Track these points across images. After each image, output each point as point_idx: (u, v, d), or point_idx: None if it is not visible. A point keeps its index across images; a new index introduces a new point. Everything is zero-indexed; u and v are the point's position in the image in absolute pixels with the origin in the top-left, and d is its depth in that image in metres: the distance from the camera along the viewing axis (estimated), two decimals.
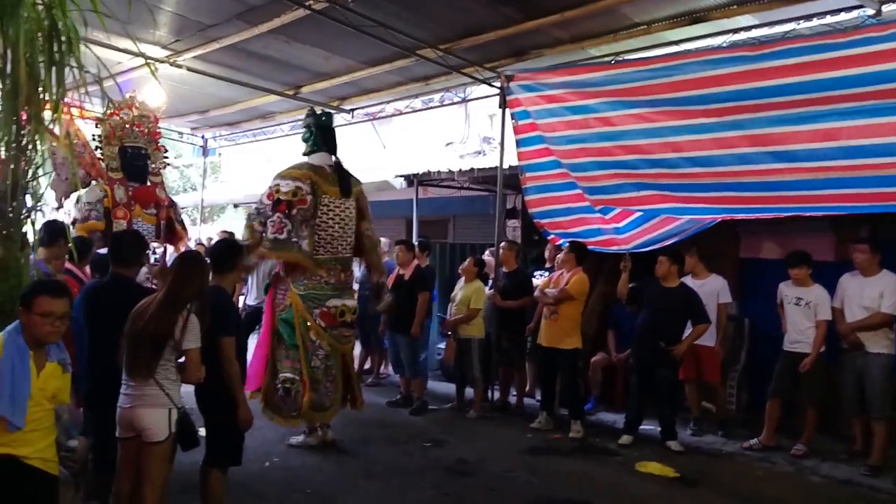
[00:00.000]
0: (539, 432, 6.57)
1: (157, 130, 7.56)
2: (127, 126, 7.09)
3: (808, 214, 5.99)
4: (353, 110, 10.52)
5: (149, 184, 7.24)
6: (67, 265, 5.06)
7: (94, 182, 6.87)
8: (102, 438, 3.90)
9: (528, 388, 7.65)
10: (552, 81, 6.73)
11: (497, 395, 7.57)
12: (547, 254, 7.60)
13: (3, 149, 3.68)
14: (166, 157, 7.64)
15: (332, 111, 9.96)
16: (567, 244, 6.88)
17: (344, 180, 5.99)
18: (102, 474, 3.96)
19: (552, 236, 7.36)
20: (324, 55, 8.10)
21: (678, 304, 6.13)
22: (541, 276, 7.33)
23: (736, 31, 6.60)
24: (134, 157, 7.08)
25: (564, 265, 6.73)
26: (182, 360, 3.55)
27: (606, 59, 7.13)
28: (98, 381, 3.88)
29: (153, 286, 5.23)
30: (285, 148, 13.70)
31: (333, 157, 6.11)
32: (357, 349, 8.40)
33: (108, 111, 6.81)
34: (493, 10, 6.51)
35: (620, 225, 7.01)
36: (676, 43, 6.95)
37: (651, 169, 6.10)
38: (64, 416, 3.44)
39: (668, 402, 6.24)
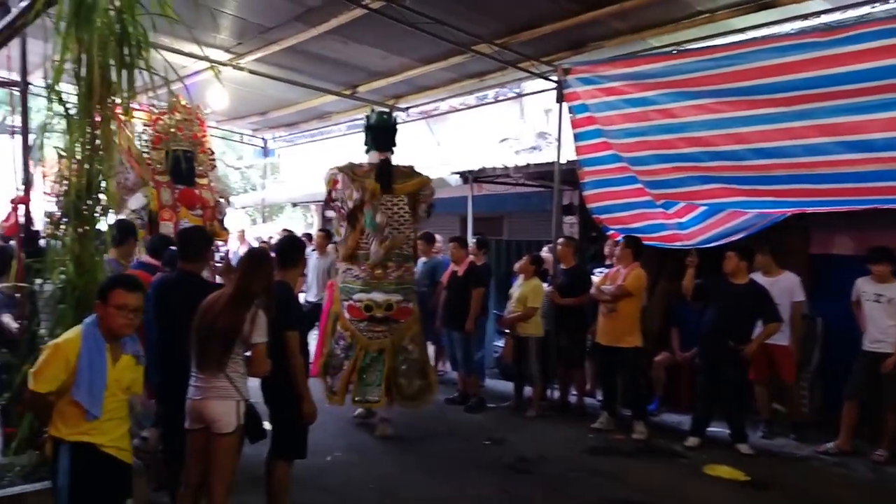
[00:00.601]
0: (600, 432, 6.45)
1: (203, 133, 7.58)
2: (172, 130, 7.17)
3: (884, 207, 5.72)
4: (408, 108, 10.56)
5: (196, 185, 7.30)
6: (145, 258, 5.23)
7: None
8: (172, 430, 4.00)
9: (588, 388, 7.53)
10: (611, 73, 6.59)
11: (556, 393, 7.47)
12: (606, 250, 7.46)
13: (77, 149, 3.83)
14: (213, 160, 7.66)
15: (388, 110, 10.08)
16: (622, 239, 6.73)
17: (384, 178, 6.07)
18: (172, 465, 4.06)
19: (612, 232, 7.20)
20: (380, 54, 8.14)
21: (747, 301, 5.92)
22: (600, 273, 7.20)
23: (805, 16, 6.37)
24: (179, 159, 7.04)
25: (621, 261, 6.59)
26: (249, 353, 3.61)
27: (668, 49, 6.95)
28: (167, 374, 3.98)
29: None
30: (342, 147, 13.90)
31: (381, 156, 6.23)
32: None
33: (154, 115, 6.93)
34: (550, 3, 6.44)
35: (684, 220, 6.83)
36: (741, 31, 6.74)
37: (716, 161, 5.92)
38: (137, 407, 3.54)
39: (737, 404, 6.03)
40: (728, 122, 5.73)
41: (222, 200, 7.46)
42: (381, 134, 6.38)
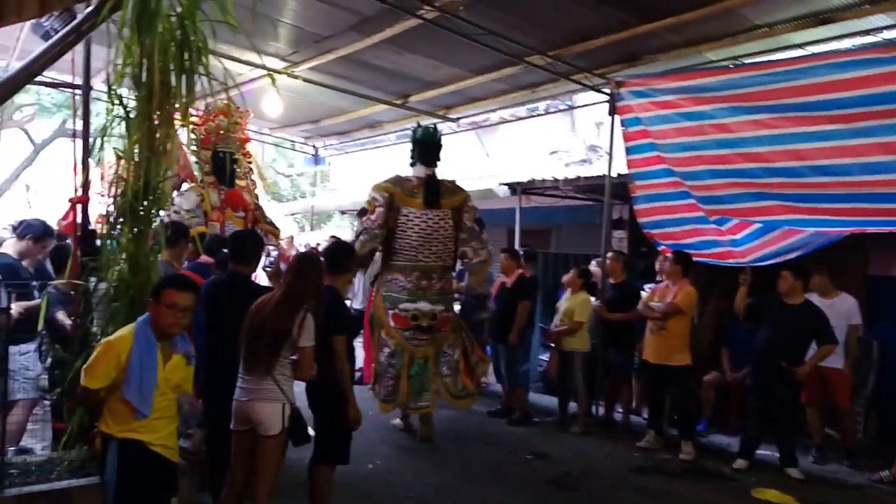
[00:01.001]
0: (646, 451, 6.32)
1: (246, 137, 7.74)
2: (221, 131, 7.27)
3: None
4: (458, 119, 10.58)
5: (237, 188, 7.42)
6: (202, 259, 5.34)
7: (184, 185, 7.10)
8: (217, 431, 4.03)
9: (634, 405, 7.40)
10: (665, 87, 6.51)
11: (602, 410, 7.37)
12: (658, 266, 7.33)
13: (135, 151, 3.92)
14: (250, 163, 7.79)
15: (438, 121, 10.12)
16: (671, 255, 6.61)
17: (431, 193, 6.26)
18: (216, 465, 4.09)
19: (663, 247, 7.08)
20: (432, 64, 8.18)
21: (802, 322, 5.74)
22: (650, 288, 7.08)
23: (867, 32, 6.20)
24: (225, 161, 7.24)
25: (670, 277, 6.47)
26: (295, 357, 3.64)
27: (724, 63, 6.82)
28: (214, 375, 4.01)
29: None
30: (392, 156, 14.00)
31: (428, 170, 6.45)
32: None
33: (204, 115, 7.05)
34: (604, 15, 6.36)
35: (738, 237, 6.67)
36: (801, 46, 6.57)
37: (772, 178, 5.79)
38: (185, 406, 3.58)
39: (788, 427, 5.84)
40: (786, 139, 5.62)
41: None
42: (427, 149, 6.59)
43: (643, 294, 6.88)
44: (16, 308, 4.62)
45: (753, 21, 6.32)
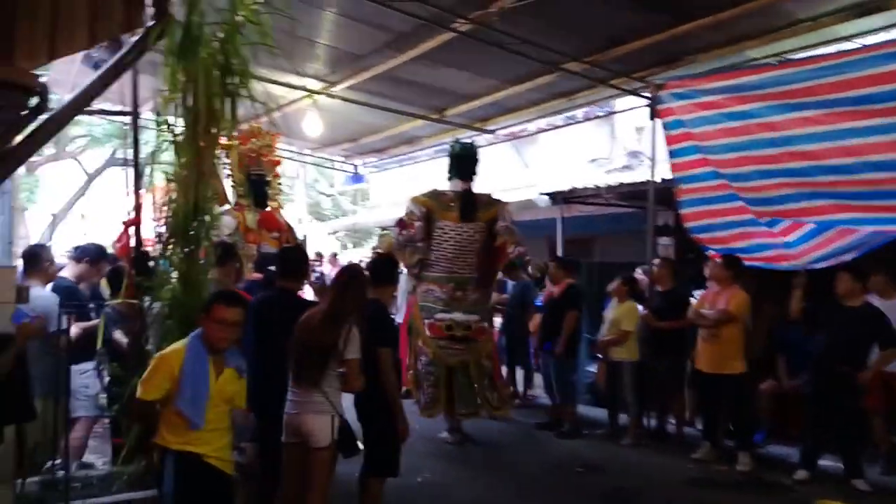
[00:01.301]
0: (702, 463, 6.12)
1: (277, 160, 7.82)
2: (253, 154, 7.33)
3: None
4: (495, 130, 10.52)
5: (269, 209, 7.46)
6: (254, 276, 5.40)
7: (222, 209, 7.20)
8: (269, 444, 4.06)
9: (688, 416, 7.19)
10: (708, 87, 6.37)
11: (653, 421, 7.18)
12: (707, 272, 7.13)
13: (184, 172, 4.00)
14: (280, 184, 7.86)
15: (475, 133, 10.09)
16: (721, 259, 6.41)
17: (466, 207, 6.47)
18: (268, 479, 4.10)
19: (712, 252, 6.88)
20: (467, 77, 8.15)
21: (862, 325, 5.49)
22: (701, 295, 6.88)
23: None
24: (258, 183, 7.26)
25: (719, 283, 6.28)
26: (343, 369, 3.66)
27: (768, 60, 6.63)
28: (264, 389, 4.01)
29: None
30: (429, 171, 14.01)
31: (464, 185, 6.65)
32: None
33: (238, 139, 7.04)
34: (640, 17, 6.24)
35: (790, 238, 6.45)
36: (847, 38, 6.33)
37: (825, 176, 5.60)
38: (238, 420, 3.62)
39: (851, 436, 5.59)
40: (837, 134, 5.44)
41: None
42: (463, 163, 6.78)
43: (692, 301, 6.71)
44: (75, 329, 4.75)
45: (797, 15, 6.13)
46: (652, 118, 7.08)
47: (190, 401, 3.12)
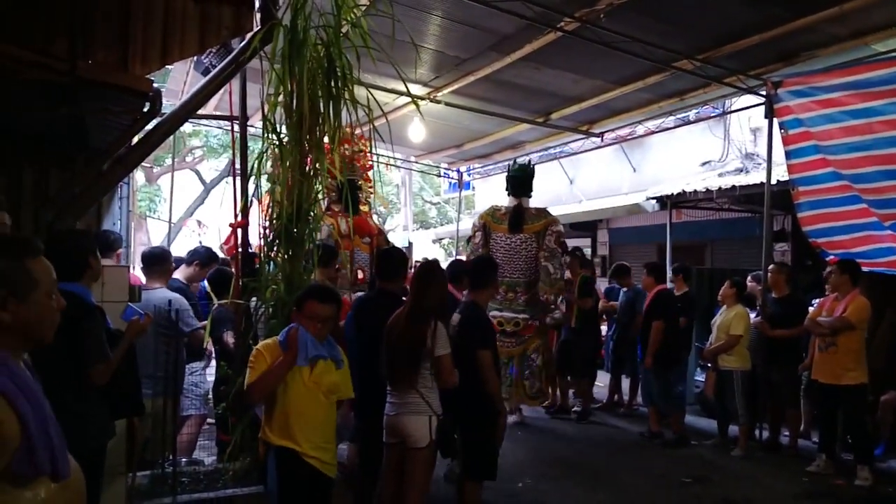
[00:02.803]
0: (817, 477, 5.78)
1: (369, 165, 7.73)
2: (347, 159, 7.22)
3: None
4: (602, 133, 10.36)
5: (360, 214, 7.30)
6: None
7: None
8: (369, 444, 4.12)
9: (802, 428, 6.80)
10: (828, 84, 6.06)
11: (766, 433, 6.83)
12: (826, 277, 6.72)
13: (289, 175, 4.12)
14: (371, 189, 7.83)
15: (581, 137, 9.96)
16: (837, 264, 6.03)
17: (514, 220, 7.43)
18: (369, 479, 4.17)
19: (831, 257, 6.49)
20: (573, 78, 8.05)
21: None
22: (818, 303, 6.50)
23: None
24: (351, 188, 7.10)
25: (837, 288, 5.91)
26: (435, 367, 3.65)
27: (894, 54, 6.21)
28: (365, 390, 4.06)
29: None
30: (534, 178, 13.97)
31: (516, 200, 7.58)
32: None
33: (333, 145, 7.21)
34: (756, 11, 5.97)
35: None
36: None
37: None
38: (337, 419, 3.67)
39: None
40: None
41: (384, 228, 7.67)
42: (516, 182, 7.71)
43: (810, 309, 6.35)
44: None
45: None
46: (768, 117, 6.78)
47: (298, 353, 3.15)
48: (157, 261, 5.01)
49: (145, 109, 3.77)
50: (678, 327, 7.09)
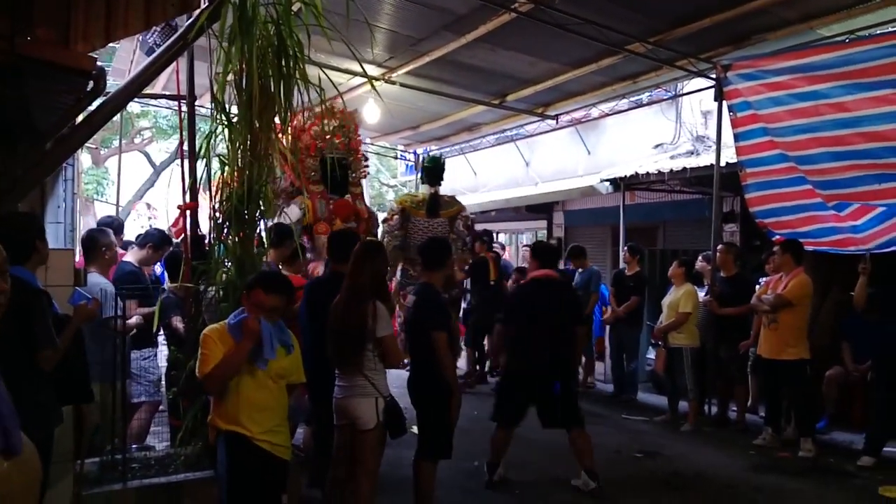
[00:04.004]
0: (763, 449, 5.99)
1: (358, 139, 7.33)
2: (327, 136, 6.92)
3: None
4: (556, 116, 10.41)
5: (348, 196, 7.05)
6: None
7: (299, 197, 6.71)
8: (323, 427, 4.13)
9: (749, 403, 7.02)
10: (776, 67, 6.20)
11: (714, 409, 7.03)
12: (767, 257, 6.91)
13: (239, 156, 4.05)
14: (366, 167, 7.49)
15: (536, 119, 9.98)
16: (780, 245, 6.21)
17: (432, 206, 8.12)
18: (325, 461, 4.15)
19: (777, 237, 6.66)
20: (528, 61, 8.07)
21: None
22: (765, 282, 6.69)
23: None
24: (333, 168, 6.64)
25: (781, 268, 6.09)
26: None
27: (839, 38, 6.35)
28: (318, 372, 4.05)
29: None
30: (489, 159, 13.97)
31: (432, 189, 8.23)
32: None
33: (309, 121, 6.71)
34: None
35: (859, 223, 6.21)
36: None
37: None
38: (290, 401, 3.65)
39: None
40: None
41: (375, 211, 7.55)
42: (431, 172, 8.35)
43: (757, 288, 6.53)
44: (136, 319, 4.82)
45: None
46: (717, 100, 6.91)
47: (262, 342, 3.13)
48: (87, 245, 4.84)
49: (89, 89, 3.65)
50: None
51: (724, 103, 6.85)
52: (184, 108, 4.90)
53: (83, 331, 3.40)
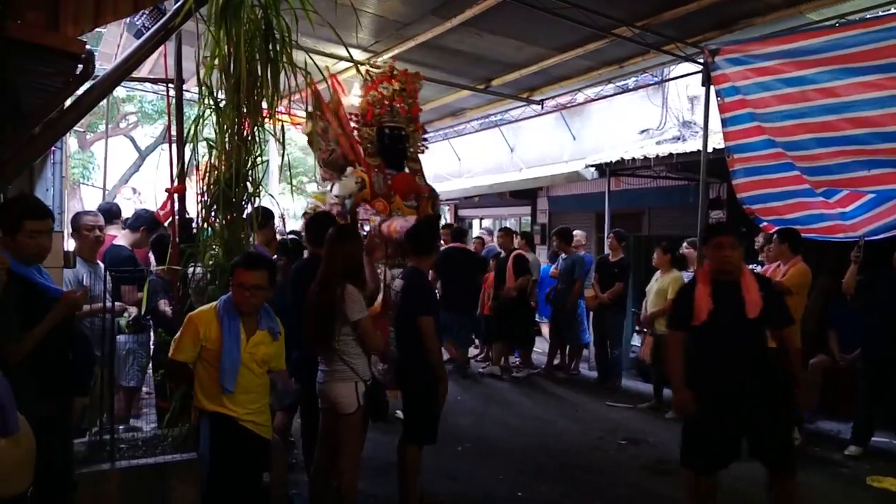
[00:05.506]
0: None
1: (418, 108, 6.36)
2: (386, 102, 6.01)
3: None
4: (542, 101, 10.36)
5: (407, 170, 6.19)
6: None
7: (349, 170, 5.91)
8: (309, 410, 4.17)
9: None
10: (764, 52, 6.15)
11: None
12: (757, 245, 6.93)
13: (227, 140, 4.02)
14: (426, 140, 6.47)
15: (521, 104, 9.93)
16: (776, 234, 6.21)
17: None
18: (311, 444, 4.20)
19: (765, 224, 6.67)
20: (514, 45, 8.00)
21: None
22: (752, 270, 6.69)
23: None
24: (393, 139, 6.01)
25: (778, 257, 6.05)
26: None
27: (829, 22, 6.35)
28: (301, 356, 4.08)
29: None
30: (473, 144, 13.91)
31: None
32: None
33: (366, 84, 6.07)
34: None
35: (847, 209, 6.24)
36: None
37: (885, 143, 5.37)
38: (277, 385, 3.66)
39: None
40: None
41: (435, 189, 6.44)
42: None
43: None
44: (131, 308, 4.86)
45: None
46: (705, 85, 6.88)
47: (221, 364, 3.15)
48: (75, 225, 4.81)
49: (78, 72, 3.62)
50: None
51: (712, 88, 6.82)
52: (171, 91, 4.88)
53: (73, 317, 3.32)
